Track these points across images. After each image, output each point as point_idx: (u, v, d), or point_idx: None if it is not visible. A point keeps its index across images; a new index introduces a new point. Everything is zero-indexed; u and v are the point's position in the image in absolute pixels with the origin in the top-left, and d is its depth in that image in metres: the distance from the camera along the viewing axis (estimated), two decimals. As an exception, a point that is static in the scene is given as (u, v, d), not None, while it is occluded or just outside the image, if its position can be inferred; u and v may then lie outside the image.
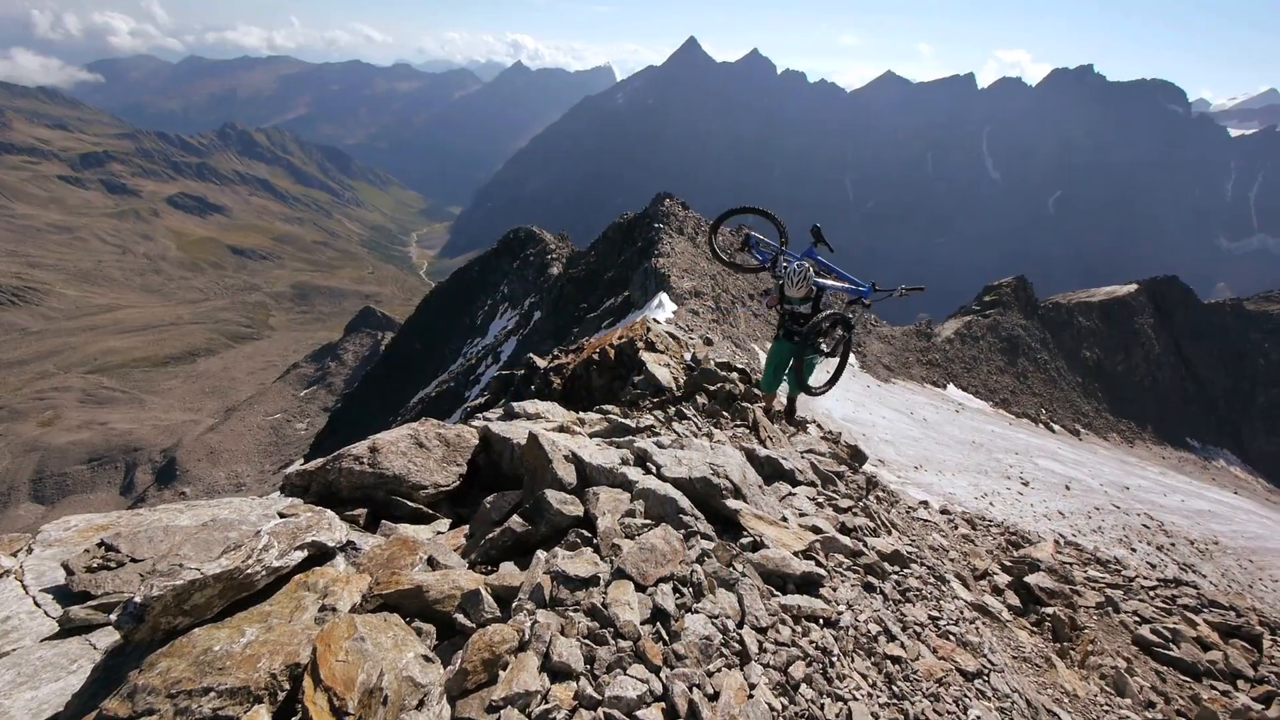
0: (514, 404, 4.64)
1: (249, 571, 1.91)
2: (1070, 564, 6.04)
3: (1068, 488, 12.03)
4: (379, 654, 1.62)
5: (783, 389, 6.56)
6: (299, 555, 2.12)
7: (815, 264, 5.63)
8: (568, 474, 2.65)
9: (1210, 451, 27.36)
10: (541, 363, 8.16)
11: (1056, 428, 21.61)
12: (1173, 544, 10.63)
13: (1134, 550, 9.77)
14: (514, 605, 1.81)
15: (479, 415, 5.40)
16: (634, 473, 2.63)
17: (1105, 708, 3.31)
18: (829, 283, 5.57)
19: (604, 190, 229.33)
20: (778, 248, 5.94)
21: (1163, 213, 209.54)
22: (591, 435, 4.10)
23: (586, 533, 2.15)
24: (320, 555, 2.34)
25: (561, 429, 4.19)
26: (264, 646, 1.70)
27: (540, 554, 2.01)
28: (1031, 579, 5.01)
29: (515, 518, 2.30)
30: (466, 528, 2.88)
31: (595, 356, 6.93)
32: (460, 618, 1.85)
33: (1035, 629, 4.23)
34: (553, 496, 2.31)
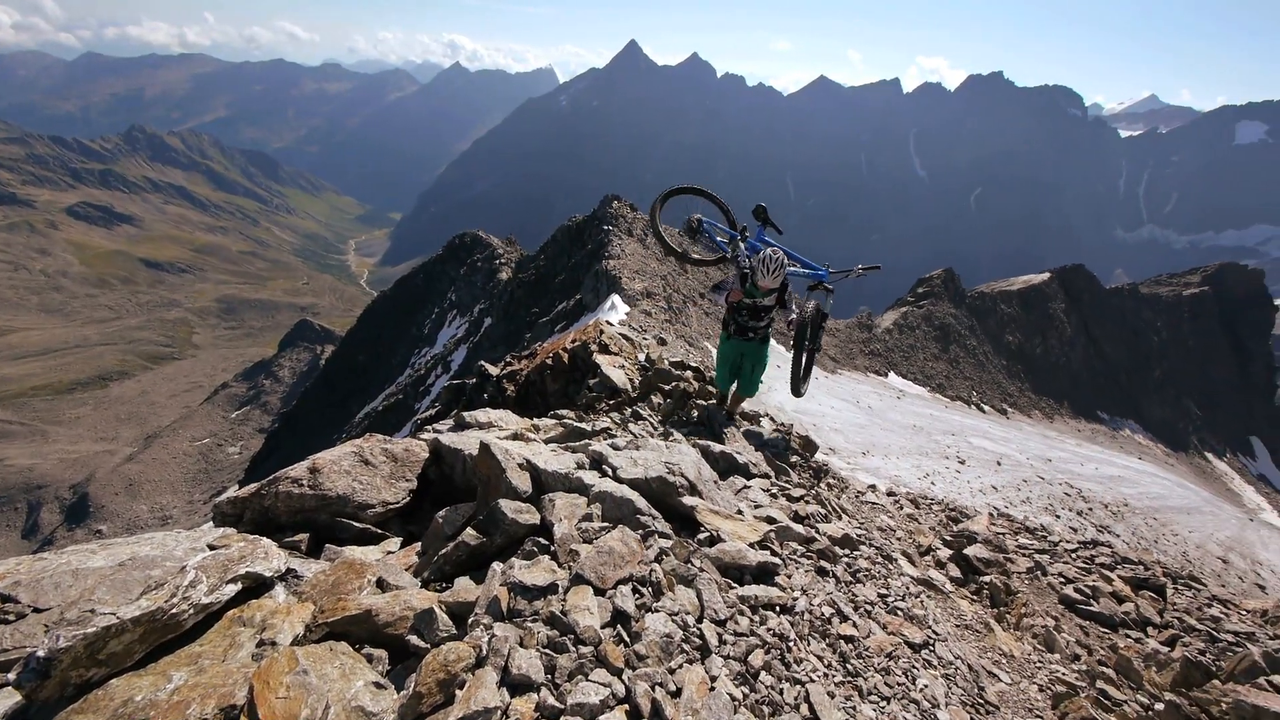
0: (465, 414, 4.52)
1: (174, 611, 1.76)
2: (1003, 534, 6.49)
3: (999, 463, 12.93)
4: (324, 686, 1.54)
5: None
6: (232, 589, 1.98)
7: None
8: (522, 482, 2.60)
9: (1117, 423, 30.17)
10: (494, 370, 7.98)
11: (986, 408, 23.20)
12: (1090, 508, 11.62)
13: (1058, 517, 10.61)
14: (470, 621, 1.76)
15: (429, 427, 5.22)
16: (590, 476, 2.62)
17: (1038, 664, 3.58)
18: (792, 268, 5.09)
19: (551, 192, 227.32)
20: (733, 234, 5.35)
21: (1068, 207, 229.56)
22: (547, 441, 4.05)
23: (544, 540, 2.12)
24: (257, 587, 2.19)
25: (515, 437, 4.11)
26: (194, 690, 1.57)
27: (496, 566, 1.97)
28: (970, 551, 5.35)
29: (469, 530, 2.24)
30: (419, 545, 2.78)
31: (549, 361, 6.85)
32: (414, 639, 1.78)
33: (975, 597, 4.52)
34: (507, 506, 2.26)
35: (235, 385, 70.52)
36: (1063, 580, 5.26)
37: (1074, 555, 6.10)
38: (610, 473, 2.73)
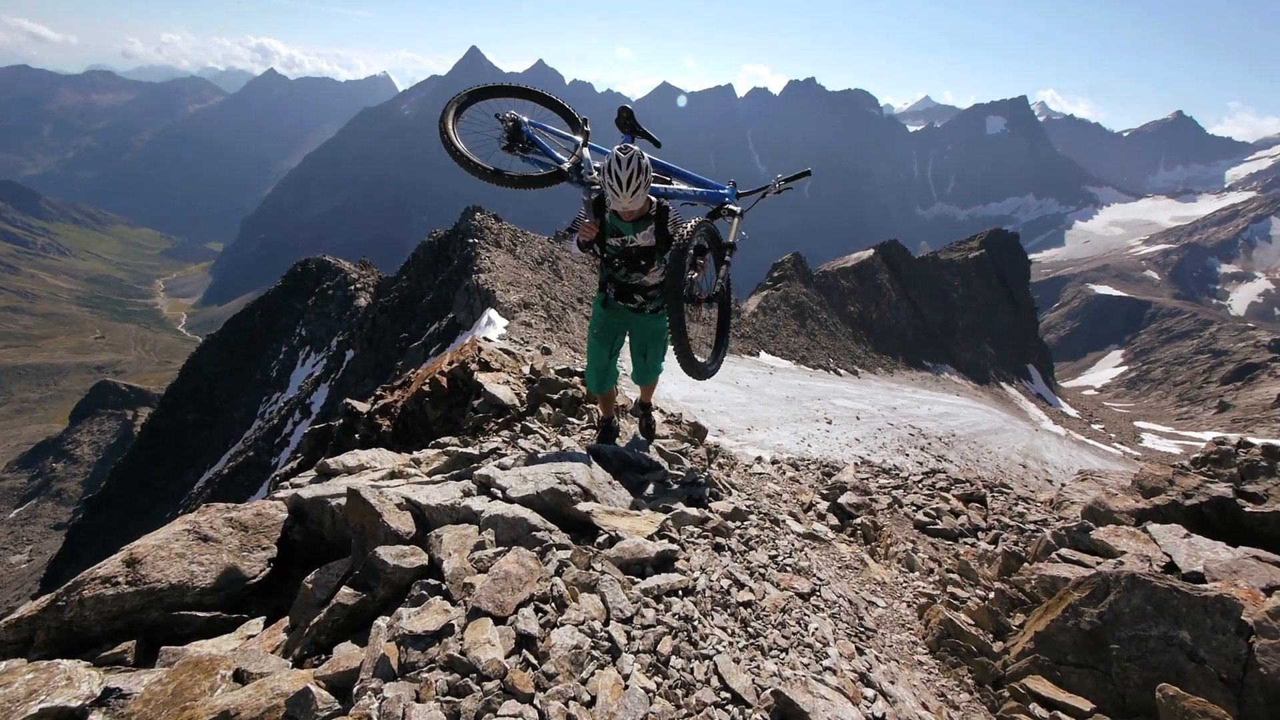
0: (329, 460, 4.03)
1: (-73, 789, 1.34)
2: (866, 478, 7.42)
3: (858, 418, 14.75)
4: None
5: (626, 382, 6.04)
6: (20, 737, 1.56)
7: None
8: (404, 523, 2.39)
9: (938, 368, 36.11)
10: (363, 406, 7.23)
11: (842, 372, 26.37)
12: (929, 443, 13.73)
13: (907, 455, 12.37)
14: (355, 690, 1.58)
15: (286, 483, 4.58)
16: (478, 502, 2.49)
17: (904, 585, 4.16)
18: (674, 187, 3.66)
19: (405, 206, 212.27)
20: (577, 141, 3.67)
21: (878, 191, 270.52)
22: (430, 474, 3.78)
23: (434, 581, 1.98)
24: (62, 724, 1.76)
25: (393, 475, 3.78)
26: None
27: (380, 621, 1.79)
28: (843, 499, 6.04)
29: (344, 590, 2.00)
30: (286, 620, 2.43)
31: (426, 387, 6.38)
32: (288, 729, 1.55)
33: (851, 539, 5.12)
34: (387, 553, 2.07)
35: (11, 476, 55.58)
36: (915, 508, 6.16)
37: (920, 485, 7.18)
38: (500, 494, 2.63)
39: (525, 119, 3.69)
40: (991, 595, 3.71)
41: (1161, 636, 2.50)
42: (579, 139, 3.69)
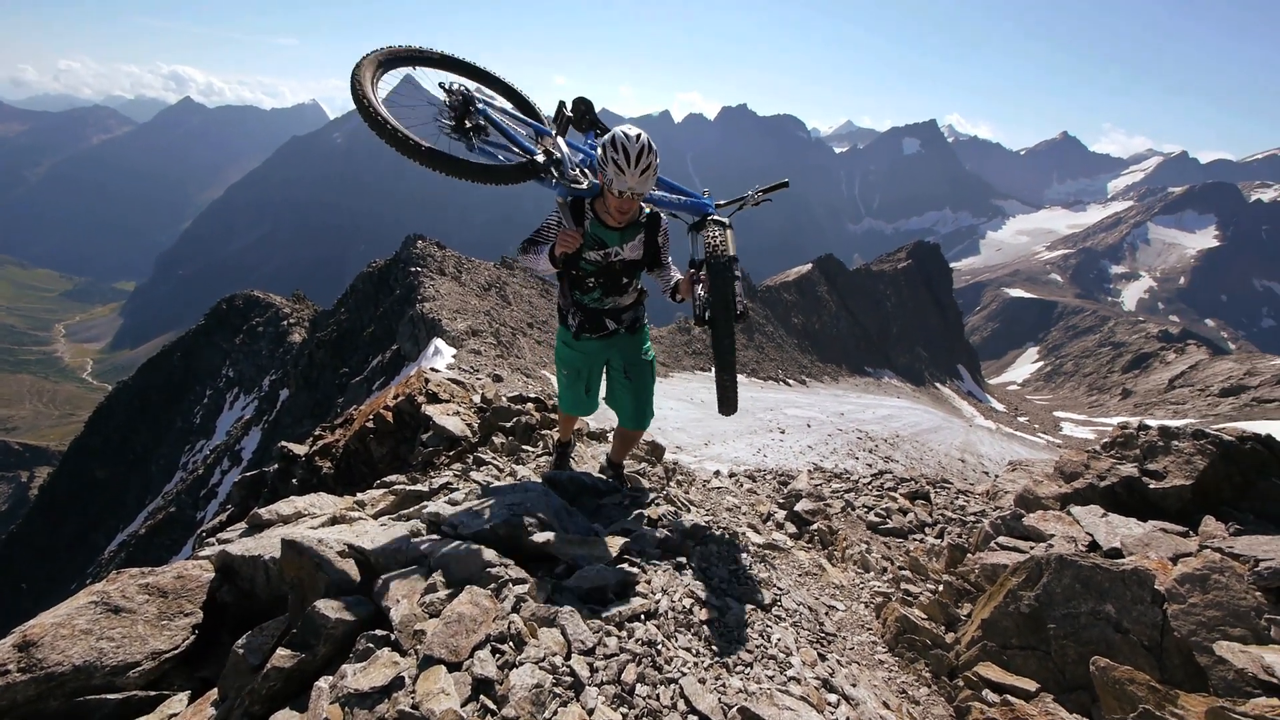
0: (261, 510, 3.74)
1: None
2: (820, 484, 7.64)
3: (809, 425, 15.23)
4: None
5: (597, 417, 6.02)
6: None
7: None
8: (347, 572, 2.25)
9: (878, 373, 38.00)
10: (300, 449, 6.80)
11: (791, 382, 27.25)
12: (875, 445, 14.33)
13: (857, 459, 12.84)
14: (295, 761, 1.45)
15: (212, 539, 4.21)
16: (428, 542, 2.38)
17: (861, 586, 4.29)
18: (656, 194, 3.21)
19: (343, 234, 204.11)
20: (540, 127, 3.09)
21: (812, 209, 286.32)
22: (376, 516, 3.58)
23: (380, 631, 1.86)
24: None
25: (335, 521, 3.55)
26: None
27: (322, 682, 1.66)
28: (799, 507, 6.18)
29: (280, 651, 1.85)
30: (214, 692, 2.21)
31: (370, 424, 6.08)
32: (218, 816, 1.40)
33: (809, 545, 5.23)
34: (327, 606, 1.93)
35: None
36: (866, 509, 6.39)
37: (870, 487, 7.47)
38: (451, 531, 2.52)
39: (479, 97, 2.87)
40: (941, 588, 3.88)
41: (1090, 612, 2.69)
42: (551, 129, 3.00)
